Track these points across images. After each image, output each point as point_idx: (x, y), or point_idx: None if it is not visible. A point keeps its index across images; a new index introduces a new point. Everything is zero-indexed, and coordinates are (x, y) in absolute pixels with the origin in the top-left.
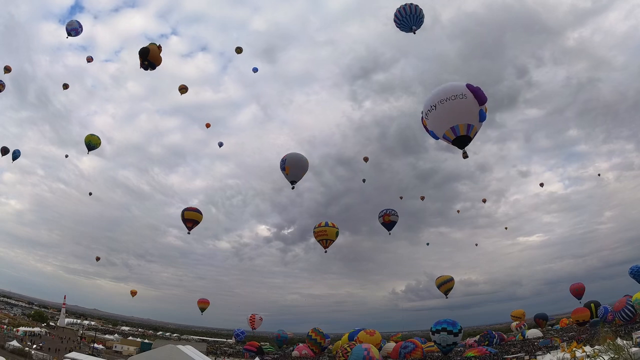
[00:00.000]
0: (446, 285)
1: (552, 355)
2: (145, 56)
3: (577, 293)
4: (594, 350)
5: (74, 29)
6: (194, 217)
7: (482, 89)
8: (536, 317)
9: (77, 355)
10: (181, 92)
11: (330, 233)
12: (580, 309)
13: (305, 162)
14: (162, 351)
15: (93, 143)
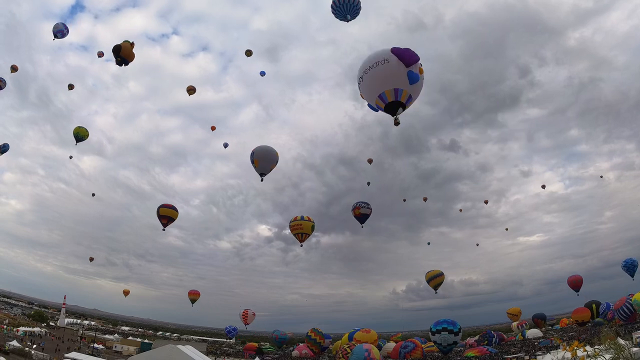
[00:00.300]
0: (436, 280)
1: (552, 355)
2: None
3: (575, 285)
4: (595, 350)
5: (59, 31)
6: (169, 213)
7: (411, 50)
8: (534, 317)
9: (77, 355)
10: (189, 92)
11: (306, 227)
12: (581, 308)
13: (274, 154)
14: (162, 351)
15: (81, 135)
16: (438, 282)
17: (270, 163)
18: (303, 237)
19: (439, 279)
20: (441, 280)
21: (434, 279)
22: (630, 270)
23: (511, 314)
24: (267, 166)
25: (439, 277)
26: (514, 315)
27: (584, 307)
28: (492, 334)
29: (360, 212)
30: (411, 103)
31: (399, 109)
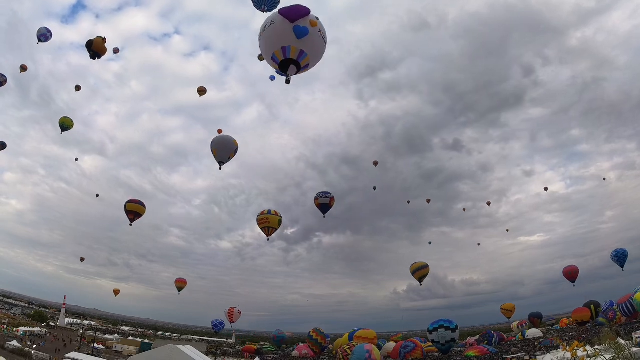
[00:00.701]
0: (421, 272)
1: (552, 355)
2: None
3: (571, 276)
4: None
5: (42, 35)
6: (136, 209)
7: (299, 5)
8: (531, 316)
9: (77, 355)
10: (200, 93)
11: (272, 221)
12: (580, 308)
13: (231, 142)
14: (162, 351)
15: (67, 125)
16: (423, 274)
17: (228, 152)
18: (270, 231)
19: (423, 271)
20: (426, 272)
21: (418, 271)
22: (620, 261)
23: (505, 309)
24: (225, 155)
25: (423, 269)
26: (507, 311)
27: (583, 307)
28: (492, 334)
29: (319, 202)
30: (308, 60)
31: (291, 67)
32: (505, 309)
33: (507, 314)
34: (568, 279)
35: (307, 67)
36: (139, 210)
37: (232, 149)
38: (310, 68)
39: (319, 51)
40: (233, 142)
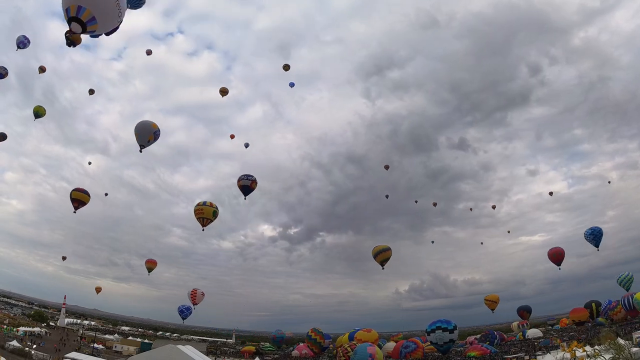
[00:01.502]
0: (382, 255)
1: (552, 355)
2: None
3: (556, 259)
4: (595, 350)
5: (21, 42)
6: (81, 197)
7: None
8: (519, 310)
9: (77, 355)
10: (222, 94)
11: (207, 212)
12: (578, 309)
13: (150, 126)
14: (162, 351)
15: (40, 113)
16: (385, 258)
17: (147, 135)
18: (205, 222)
19: (385, 254)
20: (388, 255)
21: (380, 254)
22: (595, 239)
23: (489, 300)
24: (144, 138)
25: (385, 252)
26: (492, 302)
27: (583, 307)
28: (494, 334)
29: (241, 184)
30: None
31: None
32: (490, 300)
33: (491, 305)
34: (553, 262)
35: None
36: (83, 199)
37: (151, 131)
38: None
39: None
40: (152, 126)
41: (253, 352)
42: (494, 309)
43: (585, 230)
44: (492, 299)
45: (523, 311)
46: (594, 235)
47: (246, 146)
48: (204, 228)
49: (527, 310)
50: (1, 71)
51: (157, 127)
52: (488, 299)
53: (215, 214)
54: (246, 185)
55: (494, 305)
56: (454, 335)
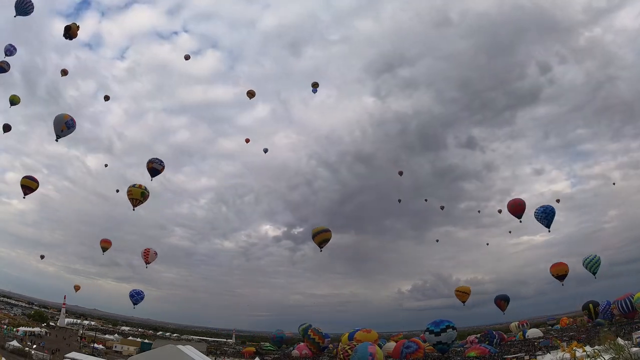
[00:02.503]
0: (322, 236)
1: (552, 355)
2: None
3: (514, 210)
4: (594, 350)
5: (8, 50)
6: (29, 184)
7: None
8: (496, 299)
9: (77, 355)
10: (249, 96)
11: (135, 193)
12: (559, 263)
13: (62, 117)
14: (162, 351)
15: (15, 101)
16: (323, 239)
17: (59, 125)
18: (135, 202)
19: (324, 235)
20: (327, 236)
21: (319, 235)
22: (546, 219)
23: (460, 291)
24: (58, 129)
25: (325, 232)
26: (463, 293)
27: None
28: (493, 334)
29: (151, 166)
30: None
31: None
32: (461, 291)
33: (462, 296)
34: (513, 214)
35: None
36: (31, 186)
37: (63, 122)
38: None
39: None
40: (64, 117)
41: (253, 352)
42: (465, 301)
43: (537, 209)
44: (463, 290)
45: (500, 301)
46: (546, 214)
47: (265, 151)
48: (135, 208)
49: (505, 299)
50: (3, 65)
51: (70, 117)
52: (459, 290)
53: (143, 194)
54: (156, 169)
55: (465, 297)
56: (441, 337)
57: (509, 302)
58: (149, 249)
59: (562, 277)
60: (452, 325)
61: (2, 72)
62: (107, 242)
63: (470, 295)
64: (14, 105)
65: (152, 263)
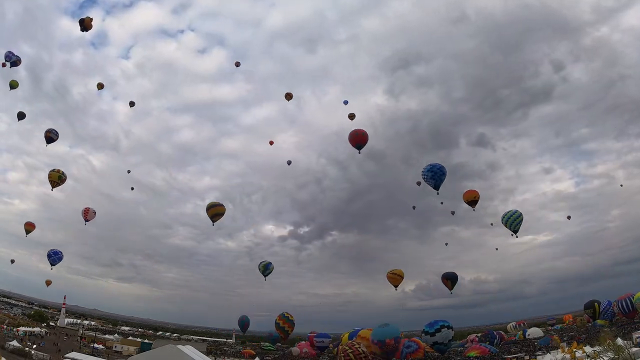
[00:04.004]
0: (214, 210)
1: (552, 355)
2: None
3: (354, 140)
4: (594, 351)
5: (7, 57)
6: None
7: None
8: (443, 277)
9: (77, 355)
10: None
11: (53, 176)
12: (470, 190)
13: None
14: (162, 351)
15: (14, 85)
16: (216, 212)
17: None
18: (53, 184)
19: (217, 209)
20: (220, 210)
21: (212, 208)
22: (434, 179)
23: (393, 274)
24: None
25: (218, 207)
26: (396, 276)
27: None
28: (493, 334)
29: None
30: None
31: None
32: (394, 274)
33: (395, 279)
34: (354, 145)
35: None
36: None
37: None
38: None
39: None
40: None
41: (254, 354)
42: (398, 285)
43: (424, 168)
44: (397, 272)
45: (446, 279)
46: (433, 173)
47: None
48: (53, 189)
49: (451, 278)
50: (14, 59)
51: None
52: (393, 273)
53: (60, 177)
54: (52, 138)
55: (398, 280)
56: (436, 337)
57: (455, 281)
58: (89, 208)
59: (473, 203)
60: (447, 324)
61: (14, 65)
62: (31, 225)
63: (403, 279)
64: (13, 89)
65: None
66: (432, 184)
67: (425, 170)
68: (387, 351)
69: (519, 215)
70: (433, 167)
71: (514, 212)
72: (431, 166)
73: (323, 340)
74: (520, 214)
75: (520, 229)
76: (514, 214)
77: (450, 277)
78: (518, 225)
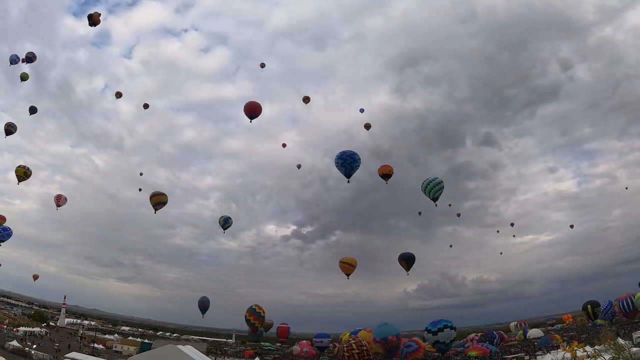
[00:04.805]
0: (157, 199)
1: (552, 355)
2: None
3: (249, 110)
4: (595, 350)
5: (13, 60)
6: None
7: None
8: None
9: (77, 355)
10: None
11: (19, 171)
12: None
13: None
14: (162, 351)
15: (25, 77)
16: (159, 201)
17: None
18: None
19: (160, 198)
20: (163, 199)
21: (155, 197)
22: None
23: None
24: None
25: (160, 196)
26: (349, 266)
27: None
28: (493, 334)
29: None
30: None
31: None
32: (346, 263)
33: (346, 268)
34: (248, 115)
35: None
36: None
37: None
38: None
39: None
40: None
41: (253, 353)
42: (350, 274)
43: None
44: (348, 261)
45: (402, 260)
46: (343, 160)
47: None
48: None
49: (407, 258)
50: (30, 55)
51: None
52: (344, 262)
53: (25, 173)
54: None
55: (350, 269)
56: (438, 337)
57: (412, 262)
58: (61, 195)
59: (387, 177)
60: (450, 325)
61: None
62: (2, 218)
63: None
64: (24, 81)
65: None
66: (343, 171)
67: (336, 157)
68: (389, 348)
69: (439, 182)
70: (343, 154)
71: (433, 179)
72: (342, 153)
73: (322, 340)
74: (440, 180)
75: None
76: (434, 180)
77: (406, 257)
78: (438, 193)
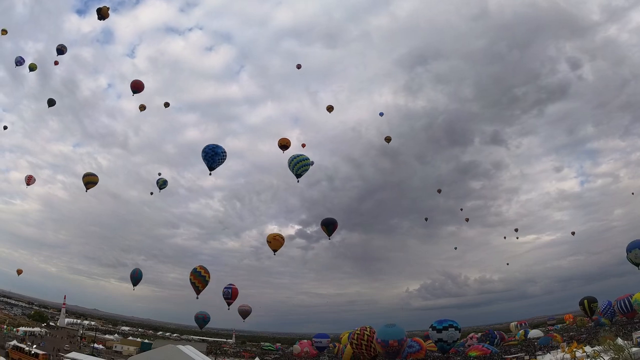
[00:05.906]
0: (88, 178)
1: (552, 355)
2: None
3: (135, 86)
4: (594, 351)
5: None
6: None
7: None
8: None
9: (77, 355)
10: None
11: None
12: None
13: None
14: (162, 351)
15: (33, 68)
16: (89, 181)
17: None
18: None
19: (91, 178)
20: (94, 179)
21: (87, 177)
22: (206, 161)
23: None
24: None
25: (92, 176)
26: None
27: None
28: (494, 334)
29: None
30: None
31: None
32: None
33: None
34: (133, 91)
35: None
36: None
37: None
38: None
39: None
40: None
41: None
42: (277, 249)
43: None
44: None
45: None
46: (205, 153)
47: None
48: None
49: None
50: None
51: None
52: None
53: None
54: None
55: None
56: (443, 335)
57: (332, 227)
58: (31, 175)
59: (284, 148)
60: (455, 325)
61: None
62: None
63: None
64: (32, 71)
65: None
66: (207, 164)
67: (202, 151)
68: (389, 352)
69: (304, 159)
70: (206, 148)
71: (298, 155)
72: (207, 146)
73: (322, 340)
74: (306, 157)
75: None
76: (299, 156)
77: (327, 223)
78: (301, 169)
